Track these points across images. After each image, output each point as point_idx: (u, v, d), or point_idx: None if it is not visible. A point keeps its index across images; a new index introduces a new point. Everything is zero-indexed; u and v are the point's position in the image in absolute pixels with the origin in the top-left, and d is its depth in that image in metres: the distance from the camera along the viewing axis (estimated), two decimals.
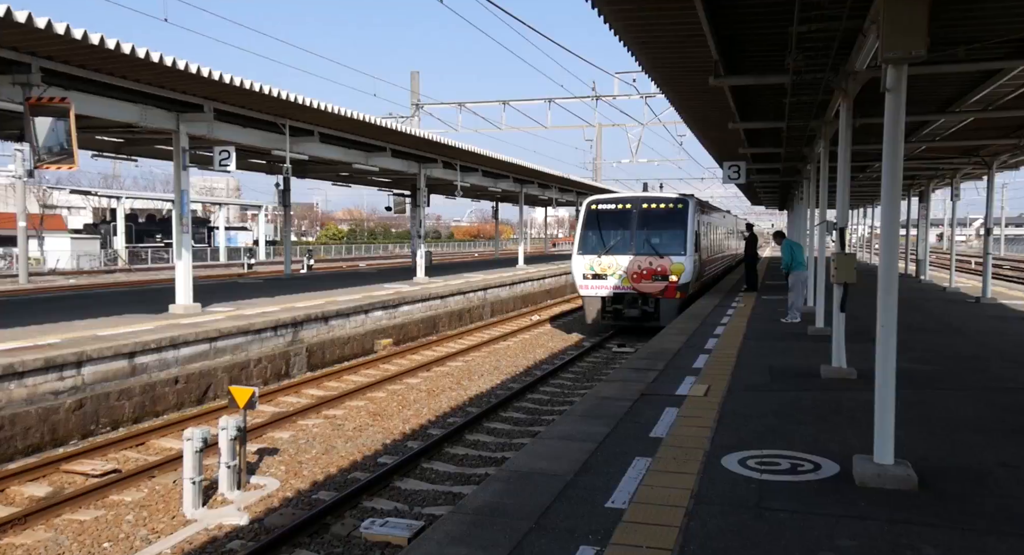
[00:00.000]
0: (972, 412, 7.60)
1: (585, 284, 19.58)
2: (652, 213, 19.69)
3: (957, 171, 22.72)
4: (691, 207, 19.62)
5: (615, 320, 19.63)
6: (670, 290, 18.66)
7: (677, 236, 19.18)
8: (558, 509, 4.96)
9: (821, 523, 4.73)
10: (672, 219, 19.46)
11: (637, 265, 18.88)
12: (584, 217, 20.22)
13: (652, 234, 19.34)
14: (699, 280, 20.82)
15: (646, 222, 19.51)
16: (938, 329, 13.85)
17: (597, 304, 19.55)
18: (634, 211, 19.72)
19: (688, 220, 19.33)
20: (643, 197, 20.58)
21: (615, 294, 19.25)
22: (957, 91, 12.06)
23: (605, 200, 20.44)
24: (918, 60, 5.29)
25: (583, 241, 19.86)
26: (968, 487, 5.37)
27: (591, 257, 19.45)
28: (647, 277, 18.75)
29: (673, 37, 9.02)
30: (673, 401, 8.01)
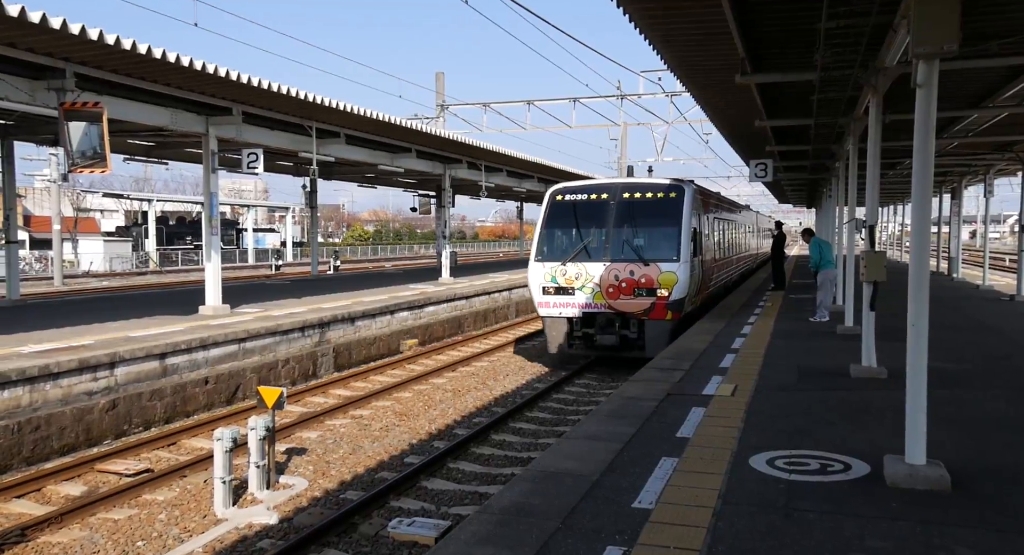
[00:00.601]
0: (1007, 412, 7.47)
1: (545, 301, 14.87)
2: (636, 205, 14.90)
3: (990, 167, 22.31)
4: (688, 197, 14.85)
5: (586, 349, 14.99)
6: (658, 309, 14.07)
7: (668, 236, 14.49)
8: (585, 509, 4.96)
9: (851, 524, 4.67)
10: (662, 213, 14.72)
11: (614, 275, 14.27)
12: (547, 211, 15.47)
13: (635, 233, 14.77)
14: (702, 292, 16.41)
15: (627, 217, 14.82)
16: (971, 327, 13.61)
17: (562, 328, 14.90)
18: (611, 203, 14.91)
19: (684, 214, 14.59)
20: (624, 184, 15.51)
21: (585, 315, 14.64)
22: (990, 86, 11.85)
23: (574, 189, 15.57)
24: (950, 55, 5.21)
25: (544, 243, 15.18)
26: (1003, 488, 5.28)
27: (553, 265, 14.77)
28: (627, 291, 14.19)
29: (699, 35, 8.97)
30: (700, 401, 7.96)
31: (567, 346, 15.04)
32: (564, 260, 14.72)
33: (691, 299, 14.98)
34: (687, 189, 15.10)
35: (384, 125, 17.56)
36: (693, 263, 14.63)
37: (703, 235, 16.18)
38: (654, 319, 14.19)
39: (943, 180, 27.09)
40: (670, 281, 14.07)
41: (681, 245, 14.34)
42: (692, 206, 14.93)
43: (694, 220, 15.02)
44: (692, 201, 15.01)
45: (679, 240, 14.37)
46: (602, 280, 14.38)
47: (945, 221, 30.19)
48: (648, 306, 14.16)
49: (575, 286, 14.59)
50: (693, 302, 15.38)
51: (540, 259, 15.04)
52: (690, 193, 15.07)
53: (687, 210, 14.67)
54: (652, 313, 14.17)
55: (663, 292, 14.05)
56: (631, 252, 14.47)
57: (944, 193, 29.24)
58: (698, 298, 16.00)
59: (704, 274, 16.23)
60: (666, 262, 14.18)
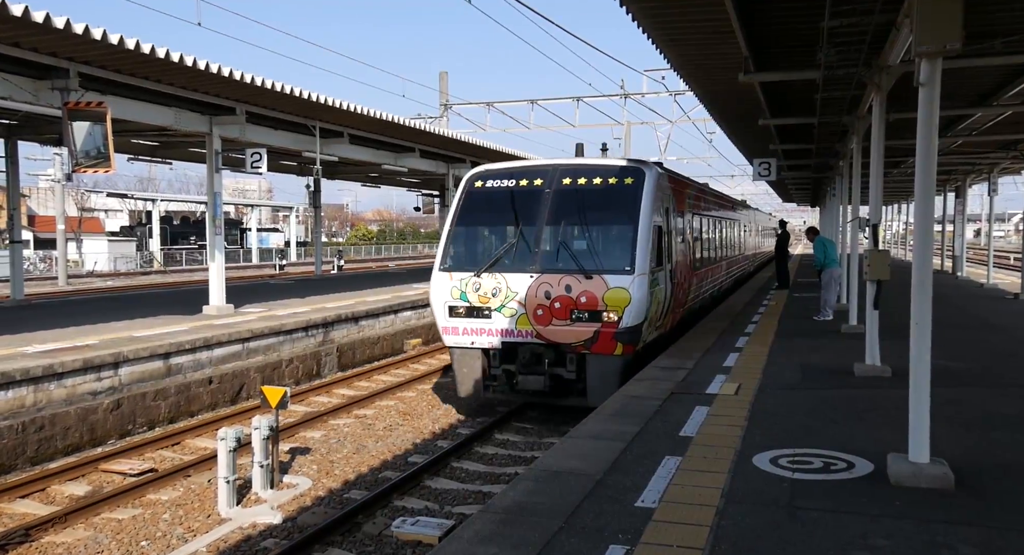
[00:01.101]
0: (1010, 410, 7.45)
1: (453, 325, 10.93)
2: (579, 195, 10.95)
3: (994, 166, 22.27)
4: (649, 185, 10.86)
5: (508, 393, 11.01)
6: (604, 339, 10.17)
7: (620, 237, 10.66)
8: (588, 508, 4.96)
9: (855, 522, 4.67)
10: (613, 206, 10.91)
11: (544, 291, 10.31)
12: (460, 202, 11.60)
13: (576, 233, 10.86)
14: (674, 312, 12.54)
15: (566, 211, 10.88)
16: (975, 326, 13.58)
17: (475, 363, 10.97)
18: (546, 192, 11.01)
19: (642, 208, 10.63)
20: (564, 167, 11.34)
21: (505, 346, 10.66)
22: (994, 84, 11.82)
23: (499, 173, 11.64)
24: (953, 53, 5.21)
25: (452, 245, 11.30)
26: (1007, 486, 5.27)
27: (464, 276, 10.82)
28: (562, 314, 10.24)
29: (702, 34, 8.97)
30: (703, 400, 7.96)
31: (482, 389, 11.02)
32: (478, 270, 10.67)
33: (654, 323, 11.01)
34: (648, 174, 10.90)
35: (388, 125, 17.58)
36: (656, 275, 10.77)
37: (676, 236, 12.43)
38: (599, 354, 10.21)
39: (947, 178, 27.03)
40: (620, 300, 10.00)
41: (637, 250, 10.31)
42: (656, 197, 10.89)
43: (658, 216, 11.07)
44: (656, 190, 10.91)
45: (634, 243, 10.36)
46: (528, 298, 10.33)
47: (949, 219, 30.14)
48: (590, 336, 10.15)
49: (492, 306, 10.57)
50: (659, 327, 11.47)
51: (447, 268, 11.03)
52: (652, 179, 10.90)
53: (647, 202, 10.63)
54: (596, 345, 10.17)
55: (611, 315, 10.02)
56: (569, 260, 10.37)
57: (948, 191, 29.18)
58: (667, 320, 11.95)
59: (677, 288, 12.31)
60: (616, 274, 10.15)
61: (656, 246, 10.88)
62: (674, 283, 12.12)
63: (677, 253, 12.50)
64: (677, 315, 12.91)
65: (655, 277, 10.76)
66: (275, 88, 13.18)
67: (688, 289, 13.76)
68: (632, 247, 10.39)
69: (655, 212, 10.86)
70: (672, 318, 12.45)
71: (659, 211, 11.14)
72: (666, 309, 11.70)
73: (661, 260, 11.20)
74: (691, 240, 14.25)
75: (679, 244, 12.85)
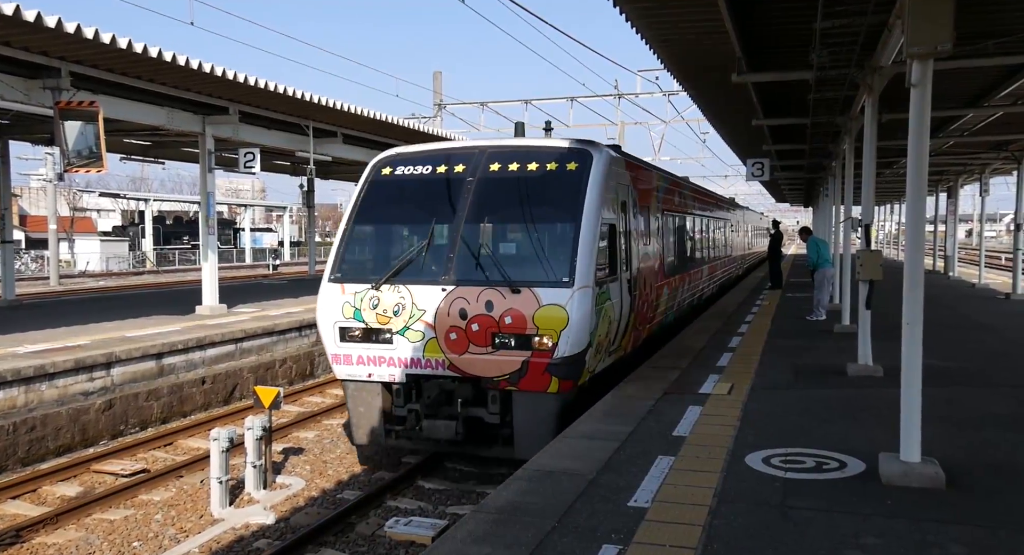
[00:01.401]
0: (1001, 409, 7.49)
1: (345, 352, 8.67)
2: (508, 185, 8.76)
3: (986, 166, 22.38)
4: (598, 172, 8.67)
5: (413, 441, 8.75)
6: (534, 372, 7.98)
7: (558, 239, 8.56)
8: (581, 508, 4.97)
9: (847, 521, 4.69)
10: (550, 199, 8.70)
11: (460, 309, 8.14)
12: (361, 194, 9.34)
13: (501, 235, 8.78)
14: (635, 329, 10.16)
15: (492, 206, 8.73)
16: (966, 326, 13.65)
17: (374, 401, 8.71)
18: (467, 181, 8.82)
19: (587, 200, 8.43)
20: (493, 150, 9.16)
21: (411, 379, 8.52)
22: (985, 86, 11.89)
23: (412, 157, 9.33)
24: (944, 55, 5.23)
25: (348, 249, 9.07)
26: (998, 485, 5.29)
27: (359, 288, 8.58)
28: (481, 339, 8.09)
29: (695, 34, 8.99)
30: (696, 400, 7.98)
31: (382, 435, 8.68)
32: (378, 281, 8.36)
33: (604, 348, 8.79)
34: (596, 157, 8.68)
35: (381, 124, 17.57)
36: (606, 287, 8.64)
37: (638, 237, 10.23)
38: (528, 391, 7.97)
39: (939, 179, 27.15)
40: (555, 321, 7.75)
41: (578, 255, 8.03)
42: (606, 187, 8.66)
43: (610, 211, 8.86)
44: (606, 179, 8.67)
45: (574, 246, 8.10)
46: (439, 318, 8.09)
47: (941, 220, 30.27)
48: (517, 368, 7.90)
49: (393, 328, 8.28)
50: (613, 351, 9.31)
51: (338, 278, 8.67)
52: (602, 165, 8.66)
53: (595, 193, 8.39)
54: (524, 380, 7.94)
55: (543, 341, 7.80)
56: (491, 268, 8.15)
57: (940, 192, 29.31)
58: (627, 341, 9.83)
59: (640, 301, 10.15)
60: (550, 287, 7.90)
61: (609, 250, 8.86)
62: (635, 295, 9.83)
63: (640, 258, 10.22)
64: (641, 333, 10.61)
65: (605, 289, 8.53)
66: (268, 88, 13.16)
67: (657, 301, 11.42)
68: (572, 251, 8.07)
69: (605, 206, 8.56)
70: (633, 338, 10.17)
71: (611, 205, 8.89)
72: (623, 328, 9.41)
73: (615, 267, 8.96)
74: (662, 242, 12.00)
75: (644, 247, 10.53)
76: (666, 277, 12.31)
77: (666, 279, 12.30)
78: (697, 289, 16.33)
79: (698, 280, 16.38)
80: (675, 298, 13.25)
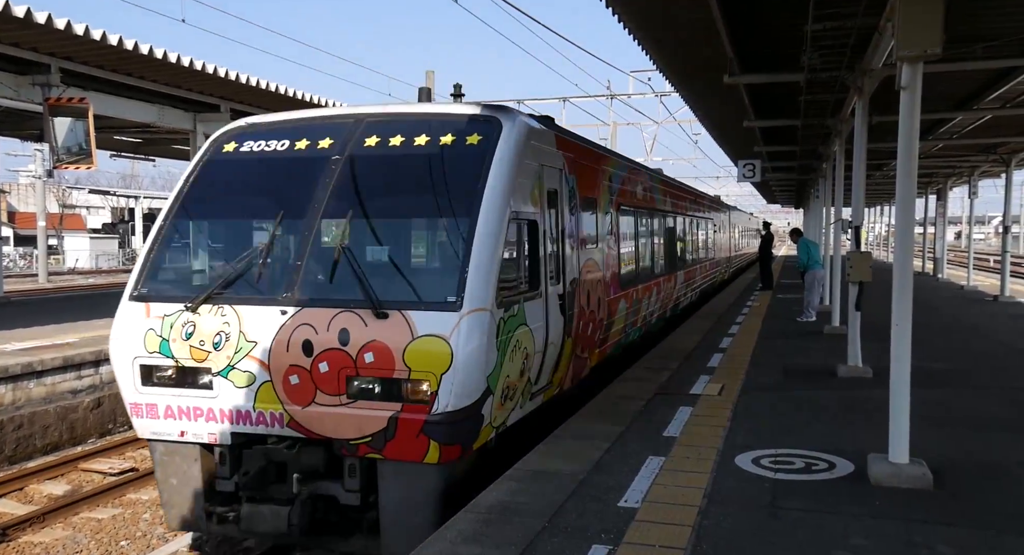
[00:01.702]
0: (989, 411, 7.54)
1: (149, 401, 6.09)
2: (386, 167, 6.38)
3: (975, 169, 22.53)
4: (508, 145, 6.22)
5: (236, 528, 5.97)
6: (405, 433, 5.51)
7: (447, 241, 6.23)
8: (571, 508, 4.97)
9: (835, 522, 4.71)
10: (441, 184, 6.19)
11: (303, 340, 5.66)
12: (190, 180, 6.80)
13: (369, 235, 6.32)
14: (576, 359, 7.90)
15: (361, 195, 6.26)
16: (955, 327, 13.73)
17: (191, 469, 6.20)
18: (332, 161, 6.35)
19: (489, 186, 5.96)
20: (371, 118, 6.64)
21: (237, 438, 5.91)
22: (974, 89, 11.96)
23: (263, 130, 7.05)
24: (933, 58, 5.27)
25: (159, 254, 6.53)
26: (985, 486, 5.33)
27: (169, 309, 6.05)
28: (329, 383, 5.62)
29: (687, 35, 9.02)
30: (687, 400, 7.99)
31: (204, 515, 6.20)
32: (195, 299, 6.00)
33: (520, 392, 6.40)
34: (509, 128, 6.33)
35: None
36: (519, 308, 6.23)
37: (577, 239, 7.77)
38: (398, 460, 5.66)
39: (928, 181, 27.32)
40: (434, 359, 5.49)
41: (472, 264, 5.70)
42: (520, 170, 6.31)
43: (527, 202, 6.50)
44: (521, 157, 6.34)
45: (466, 251, 5.77)
46: (275, 353, 5.77)
47: (930, 222, 30.45)
48: (383, 426, 5.59)
49: (214, 367, 5.92)
50: (538, 393, 6.92)
51: (144, 295, 6.30)
52: (517, 138, 6.35)
53: (502, 177, 6.04)
54: (392, 444, 5.61)
55: (419, 388, 5.54)
56: (351, 283, 5.82)
57: (930, 194, 29.48)
58: (560, 377, 7.40)
59: (582, 321, 7.89)
60: (430, 309, 5.62)
61: (528, 256, 6.55)
62: (571, 315, 7.37)
63: (583, 266, 7.85)
64: (587, 361, 8.28)
65: (517, 311, 6.07)
66: (260, 86, 13.12)
67: (611, 318, 9.14)
68: (463, 259, 5.66)
69: (519, 196, 6.14)
70: (574, 369, 7.81)
71: (531, 195, 6.48)
72: (553, 360, 6.98)
73: (536, 279, 6.55)
74: (617, 245, 9.71)
75: (588, 251, 8.16)
76: (624, 288, 9.88)
77: (624, 291, 9.84)
78: (670, 299, 13.97)
79: (670, 289, 13.92)
80: (639, 312, 10.96)
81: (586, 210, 8.38)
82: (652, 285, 12.13)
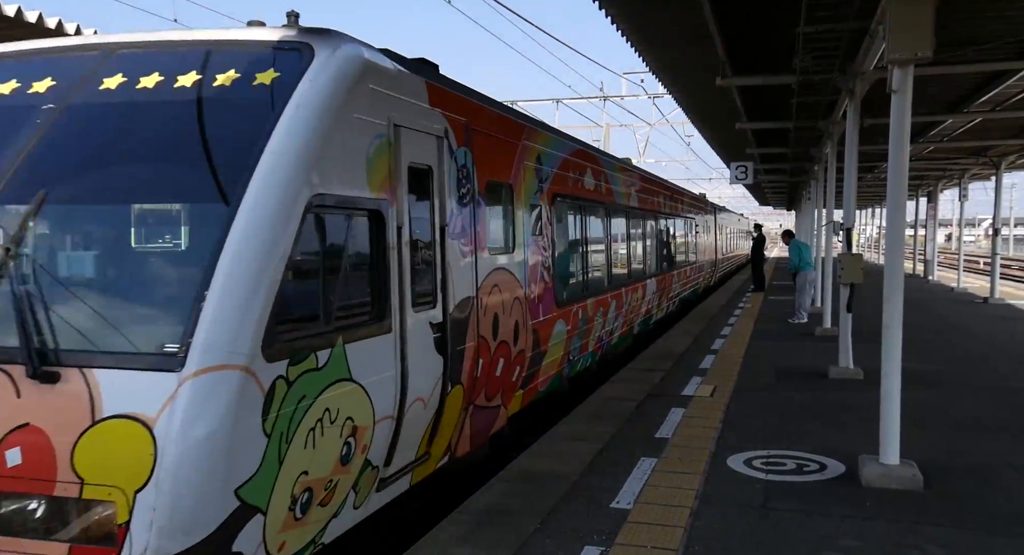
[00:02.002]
0: (979, 412, 7.58)
1: None
2: (123, 120, 3.95)
3: (965, 172, 22.67)
4: (319, 85, 3.91)
5: None
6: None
7: (190, 248, 4.02)
8: (563, 509, 4.97)
9: (826, 523, 4.73)
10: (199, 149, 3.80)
11: None
12: None
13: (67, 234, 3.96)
14: (457, 422, 5.44)
15: (70, 166, 3.86)
16: (945, 329, 13.80)
17: None
18: (46, 110, 3.99)
19: (270, 152, 3.63)
20: (127, 49, 4.26)
21: None
22: (965, 92, 12.03)
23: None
24: (924, 61, 5.30)
25: None
26: (975, 487, 5.36)
27: None
28: None
29: (680, 37, 9.05)
30: (679, 401, 8.01)
31: None
32: None
33: (353, 490, 4.25)
34: (323, 57, 4.02)
35: None
36: (333, 355, 3.93)
37: (473, 238, 5.71)
38: None
39: (919, 184, 27.47)
40: (124, 464, 3.13)
41: (215, 284, 3.36)
42: (333, 124, 3.95)
43: (355, 180, 4.21)
44: (340, 106, 4.02)
45: (211, 264, 3.42)
46: None
47: (921, 224, 30.62)
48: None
49: None
50: (409, 471, 4.91)
51: None
52: (336, 76, 4.03)
53: (300, 137, 3.75)
54: None
55: (102, 513, 3.12)
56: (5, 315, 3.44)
57: (920, 196, 29.64)
58: (440, 447, 5.28)
59: (487, 360, 5.90)
60: (128, 366, 3.27)
61: (365, 267, 4.41)
62: (461, 352, 5.33)
63: (484, 280, 5.80)
64: (495, 414, 6.24)
65: (328, 361, 3.92)
66: None
67: (539, 348, 7.15)
68: (203, 277, 3.44)
69: (331, 169, 3.97)
70: (472, 427, 5.78)
71: (363, 168, 4.25)
72: (416, 427, 4.80)
73: (380, 304, 4.39)
74: (552, 249, 7.67)
75: (495, 258, 6.14)
76: (563, 306, 7.95)
77: (563, 309, 7.90)
78: (638, 313, 12.25)
79: (636, 302, 11.93)
80: (591, 333, 9.18)
81: (493, 201, 6.23)
82: (610, 298, 10.09)
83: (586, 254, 9.28)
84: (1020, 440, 6.56)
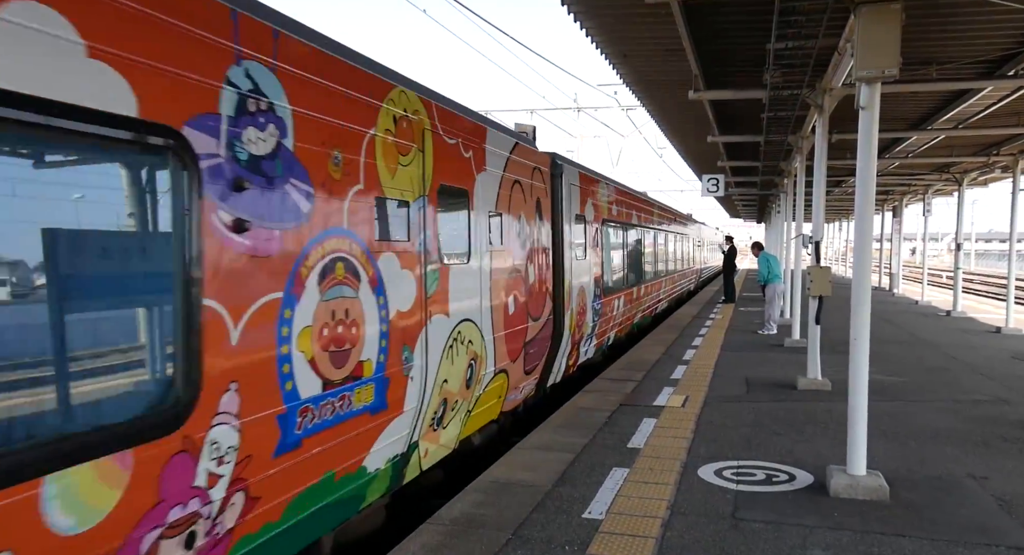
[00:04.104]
0: (942, 423, 7.72)
1: None
2: None
3: (929, 187, 23.13)
4: None
5: None
6: None
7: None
8: (536, 520, 4.98)
9: (795, 533, 4.78)
10: None
11: None
12: None
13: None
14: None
15: None
16: (910, 342, 14.04)
17: None
18: None
19: None
20: None
21: None
22: (929, 110, 12.31)
23: None
24: (890, 79, 5.42)
25: None
26: (938, 497, 5.46)
27: None
28: None
29: (654, 51, 9.15)
30: (651, 412, 8.06)
31: None
32: None
33: None
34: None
35: None
36: None
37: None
38: None
39: (885, 198, 27.97)
40: None
41: None
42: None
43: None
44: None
45: None
46: None
47: (887, 238, 31.15)
48: None
49: None
50: None
51: None
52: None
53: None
54: None
55: None
56: None
57: (886, 211, 30.17)
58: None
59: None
60: None
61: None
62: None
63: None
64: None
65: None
66: None
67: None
68: None
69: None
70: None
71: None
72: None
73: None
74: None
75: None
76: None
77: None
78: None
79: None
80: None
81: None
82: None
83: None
84: (981, 451, 6.70)
